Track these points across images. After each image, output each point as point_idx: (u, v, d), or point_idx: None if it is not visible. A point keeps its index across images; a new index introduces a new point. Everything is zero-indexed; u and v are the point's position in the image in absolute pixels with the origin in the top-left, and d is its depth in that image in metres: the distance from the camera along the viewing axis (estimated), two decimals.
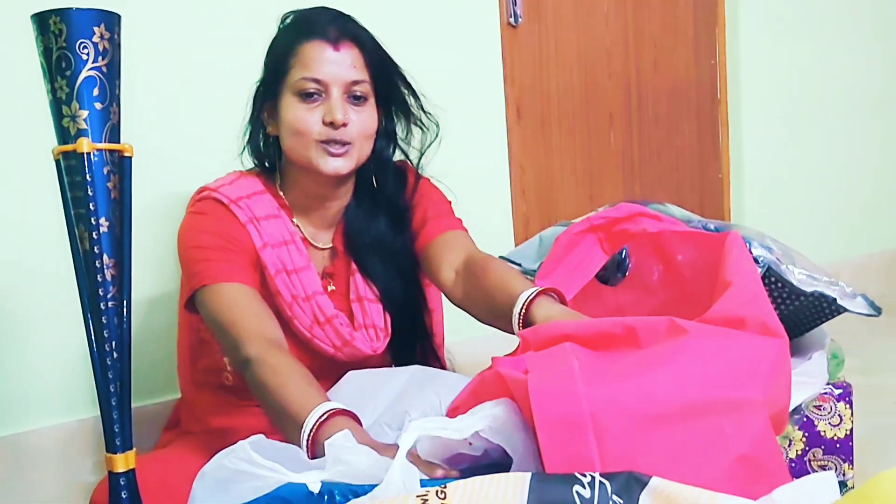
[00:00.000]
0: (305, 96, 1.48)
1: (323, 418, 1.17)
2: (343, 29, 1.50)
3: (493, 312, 1.39)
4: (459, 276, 1.54)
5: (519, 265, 1.77)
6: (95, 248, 1.15)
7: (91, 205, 1.14)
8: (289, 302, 1.54)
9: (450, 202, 1.71)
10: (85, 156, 1.12)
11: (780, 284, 1.48)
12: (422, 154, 1.66)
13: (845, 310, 1.50)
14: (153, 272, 1.97)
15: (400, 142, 1.65)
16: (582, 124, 2.84)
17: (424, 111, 1.63)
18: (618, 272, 1.52)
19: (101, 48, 1.13)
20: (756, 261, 1.44)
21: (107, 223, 1.16)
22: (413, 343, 1.70)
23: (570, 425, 0.95)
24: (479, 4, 2.55)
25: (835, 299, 1.47)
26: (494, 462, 1.07)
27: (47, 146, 1.16)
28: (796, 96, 3.35)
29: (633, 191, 2.98)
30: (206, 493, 1.05)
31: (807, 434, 1.56)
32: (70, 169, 1.14)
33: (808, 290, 1.47)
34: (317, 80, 1.48)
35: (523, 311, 1.30)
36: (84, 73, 1.12)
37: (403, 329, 1.67)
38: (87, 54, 1.12)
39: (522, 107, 2.68)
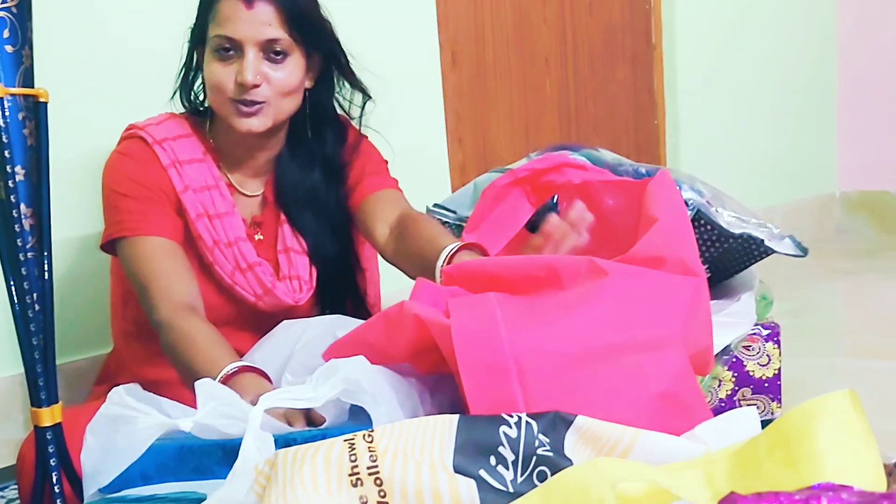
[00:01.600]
0: (221, 54, 1.47)
1: (229, 372, 1.22)
2: None
3: (421, 267, 1.41)
4: (392, 232, 1.56)
5: (454, 212, 1.77)
6: (12, 197, 1.12)
7: (6, 152, 1.10)
8: (210, 246, 1.54)
9: (386, 162, 1.72)
10: None
11: (709, 227, 1.50)
12: (361, 112, 1.66)
13: (773, 251, 1.53)
14: (80, 218, 1.92)
15: (337, 95, 1.64)
16: (517, 70, 2.82)
17: (352, 72, 1.62)
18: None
19: None
20: (686, 203, 1.45)
21: (23, 171, 1.13)
22: (343, 299, 1.69)
23: (493, 369, 0.96)
24: None
25: (763, 241, 1.49)
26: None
27: None
28: (731, 42, 3.36)
29: (570, 137, 2.98)
30: (95, 443, 1.07)
31: (736, 374, 1.60)
32: None
33: (737, 231, 1.49)
34: (230, 39, 1.46)
35: (445, 263, 1.34)
36: None
37: (332, 284, 1.66)
38: None
39: (457, 52, 2.65)
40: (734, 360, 1.59)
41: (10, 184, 1.11)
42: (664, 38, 3.20)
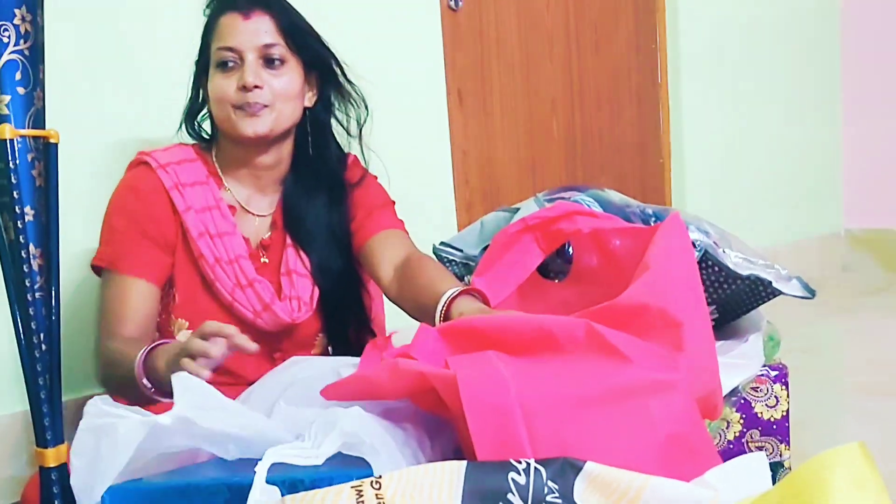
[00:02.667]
0: (224, 66, 1.56)
1: (141, 357, 1.33)
2: None
3: (422, 310, 1.47)
4: (396, 274, 1.61)
5: (461, 251, 1.77)
6: (21, 237, 1.12)
7: (15, 193, 1.11)
8: (211, 264, 1.58)
9: (393, 202, 1.76)
10: (7, 142, 1.10)
11: (716, 268, 1.50)
12: (360, 128, 1.71)
13: (781, 292, 1.52)
14: (84, 260, 1.93)
15: (336, 112, 1.70)
16: (524, 109, 2.84)
17: (349, 80, 1.68)
18: (560, 263, 1.53)
19: (22, 31, 1.10)
20: (693, 244, 1.45)
21: (32, 212, 1.14)
22: (346, 321, 1.72)
23: (499, 413, 0.96)
24: None
25: (770, 282, 1.49)
26: None
27: None
28: (735, 80, 3.38)
29: (575, 175, 2.99)
30: (81, 464, 1.07)
31: (744, 416, 1.59)
32: None
33: (745, 273, 1.48)
34: (230, 49, 1.55)
35: (444, 308, 1.40)
36: (5, 57, 1.10)
37: (336, 302, 1.69)
38: (8, 37, 1.09)
39: (464, 92, 2.67)
40: (742, 401, 1.58)
41: (20, 224, 1.12)
42: (669, 77, 3.22)
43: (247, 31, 1.55)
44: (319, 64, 1.64)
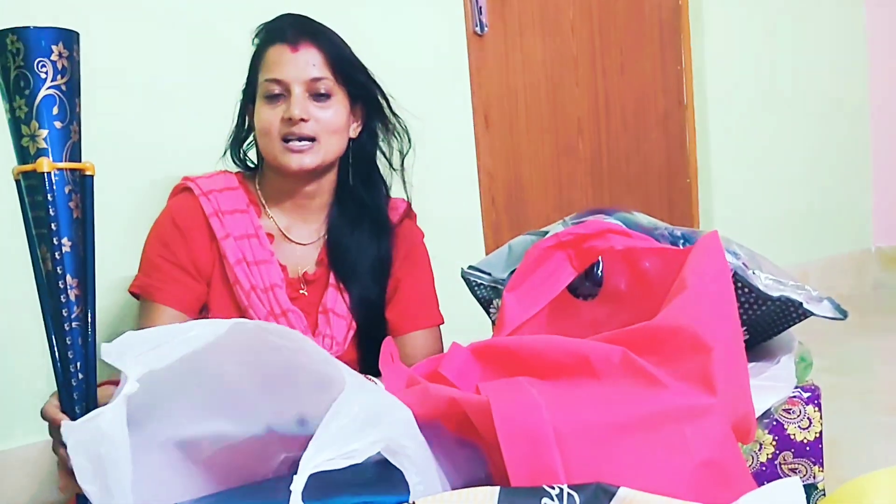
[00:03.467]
0: (271, 98, 1.57)
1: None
2: (301, 31, 1.59)
3: None
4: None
5: (489, 274, 1.77)
6: (58, 268, 1.13)
7: (53, 225, 1.12)
8: (246, 290, 1.59)
9: (423, 234, 1.79)
10: (45, 175, 1.11)
11: (746, 290, 1.49)
12: (402, 159, 1.73)
13: (812, 314, 1.52)
14: (119, 290, 1.95)
15: (380, 143, 1.71)
16: (550, 131, 2.85)
17: (394, 113, 1.70)
18: (590, 285, 1.53)
19: (59, 66, 1.12)
20: None
21: (69, 243, 1.15)
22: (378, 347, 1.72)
23: (532, 438, 0.96)
24: (445, 14, 2.56)
25: (801, 303, 1.48)
26: None
27: (6, 166, 1.15)
28: (761, 100, 3.38)
29: (602, 197, 2.99)
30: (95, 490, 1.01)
31: (776, 438, 1.57)
32: (30, 189, 1.13)
33: (775, 294, 1.48)
34: (278, 81, 1.56)
35: None
36: (43, 92, 1.11)
37: (371, 339, 1.68)
38: (46, 73, 1.11)
39: (490, 115, 2.69)
40: (775, 423, 1.56)
41: (57, 255, 1.13)
42: (695, 97, 3.22)
43: (295, 64, 1.56)
44: (365, 96, 1.66)
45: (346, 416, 0.98)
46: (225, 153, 1.71)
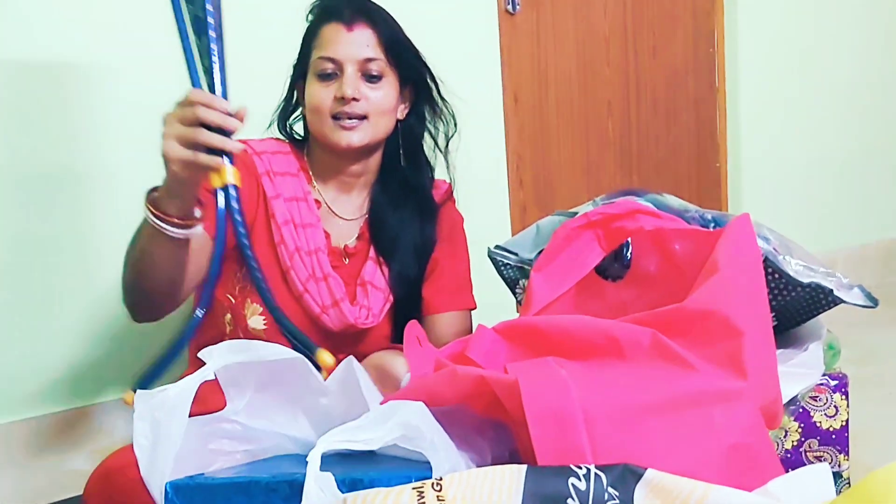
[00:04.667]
0: (323, 76, 1.58)
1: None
2: (357, 10, 1.59)
3: None
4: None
5: (516, 254, 1.76)
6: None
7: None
8: (290, 252, 1.59)
9: (462, 220, 1.81)
10: None
11: (776, 275, 1.48)
12: (448, 141, 1.75)
13: (842, 301, 1.50)
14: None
15: (428, 124, 1.73)
16: (580, 112, 2.84)
17: (442, 97, 1.72)
18: (618, 266, 1.52)
19: None
20: None
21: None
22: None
23: (560, 418, 0.96)
24: None
25: (832, 290, 1.47)
26: None
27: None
28: (794, 85, 3.35)
29: (631, 179, 2.98)
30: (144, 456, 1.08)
31: (802, 425, 1.57)
32: None
33: (805, 281, 1.46)
34: (332, 59, 1.57)
35: None
36: None
37: (407, 314, 1.69)
38: None
39: (520, 94, 2.68)
40: (801, 410, 1.56)
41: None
42: (727, 81, 3.19)
43: (349, 43, 1.57)
44: (415, 79, 1.67)
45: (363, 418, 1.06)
46: (270, 125, 1.72)
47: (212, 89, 1.25)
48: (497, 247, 1.80)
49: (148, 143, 1.29)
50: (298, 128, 1.73)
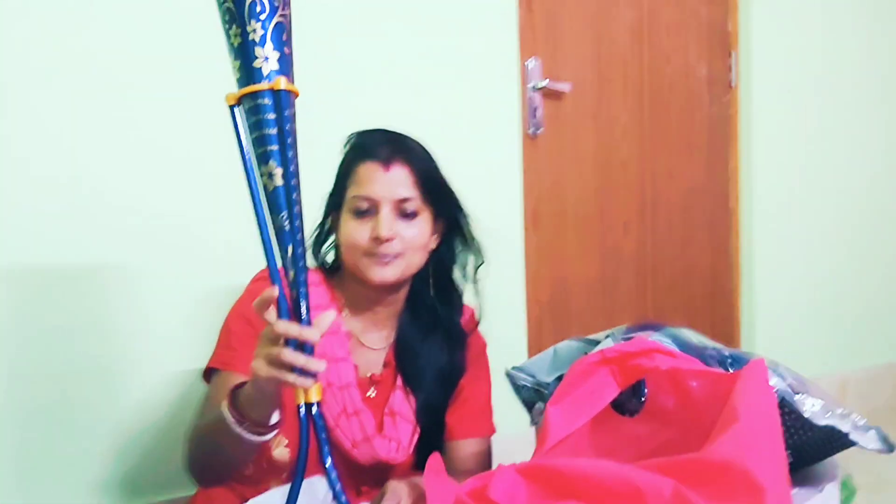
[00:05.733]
0: (359, 213, 1.59)
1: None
2: (394, 149, 1.60)
3: None
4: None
5: (533, 376, 1.78)
6: (292, 181, 1.22)
7: (288, 139, 1.21)
8: (323, 387, 1.58)
9: (485, 345, 1.82)
10: (282, 94, 1.20)
11: (792, 416, 1.49)
12: (475, 273, 1.76)
13: (857, 444, 1.51)
14: (179, 384, 2.00)
15: (457, 255, 1.74)
16: (597, 232, 2.89)
17: (474, 237, 1.74)
18: (634, 402, 1.54)
19: None
20: None
21: (295, 159, 1.23)
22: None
23: None
24: (501, 116, 2.62)
25: (847, 434, 1.48)
26: None
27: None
28: (807, 207, 3.40)
29: (645, 297, 3.01)
30: None
31: None
32: (257, 109, 1.21)
33: (821, 423, 1.48)
34: (368, 198, 1.58)
35: None
36: (276, 18, 1.20)
37: (432, 445, 1.68)
38: (278, 3, 1.21)
39: (539, 213, 2.73)
40: None
41: (291, 168, 1.22)
42: (742, 201, 3.24)
43: (385, 183, 1.57)
44: (448, 213, 1.69)
45: None
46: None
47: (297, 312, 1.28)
48: (515, 367, 1.82)
49: None
50: (331, 254, 1.75)
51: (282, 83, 1.20)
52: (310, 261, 1.73)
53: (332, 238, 1.71)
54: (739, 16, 3.25)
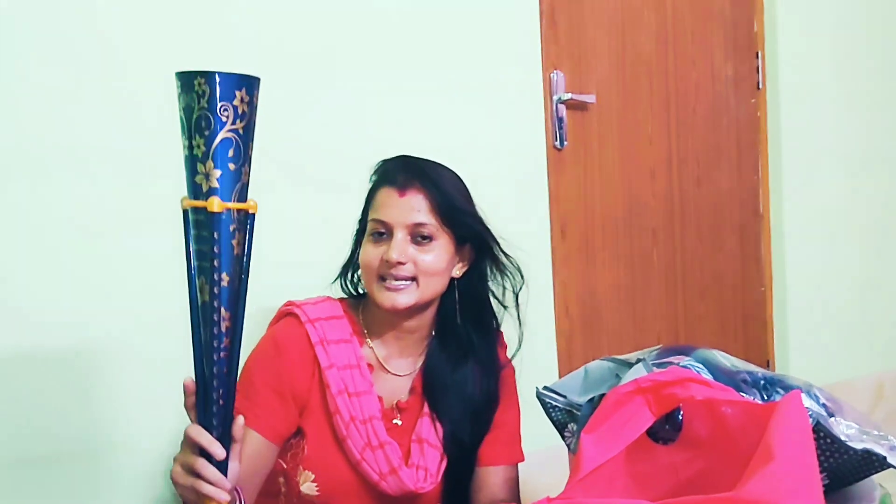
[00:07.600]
0: (376, 237, 1.62)
1: None
2: (411, 175, 1.62)
3: None
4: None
5: (564, 396, 1.78)
6: (215, 301, 1.20)
7: (215, 261, 1.19)
8: (346, 421, 1.60)
9: (514, 370, 1.81)
10: (214, 215, 1.18)
11: (828, 440, 1.48)
12: (516, 297, 1.75)
13: (894, 467, 1.50)
14: None
15: (490, 283, 1.73)
16: (625, 241, 2.88)
17: (505, 253, 1.73)
18: (669, 429, 1.53)
19: (240, 111, 1.17)
20: None
21: (227, 278, 1.20)
22: (468, 493, 1.72)
23: None
24: (526, 130, 2.61)
25: (885, 457, 1.47)
26: None
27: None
28: (838, 211, 3.37)
29: (676, 306, 2.99)
30: None
31: None
32: (197, 223, 1.20)
33: (858, 447, 1.46)
34: (382, 222, 1.61)
35: None
36: (222, 135, 1.16)
37: (460, 477, 1.70)
38: (227, 116, 1.16)
39: (567, 225, 2.72)
40: None
41: (216, 289, 1.19)
42: (772, 207, 3.22)
43: (400, 208, 1.59)
44: (473, 238, 1.68)
45: None
46: (336, 280, 1.76)
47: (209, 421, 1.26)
48: (546, 388, 1.81)
49: None
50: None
51: (214, 204, 1.17)
52: (337, 289, 1.75)
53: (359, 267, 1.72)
54: (765, 16, 3.21)
